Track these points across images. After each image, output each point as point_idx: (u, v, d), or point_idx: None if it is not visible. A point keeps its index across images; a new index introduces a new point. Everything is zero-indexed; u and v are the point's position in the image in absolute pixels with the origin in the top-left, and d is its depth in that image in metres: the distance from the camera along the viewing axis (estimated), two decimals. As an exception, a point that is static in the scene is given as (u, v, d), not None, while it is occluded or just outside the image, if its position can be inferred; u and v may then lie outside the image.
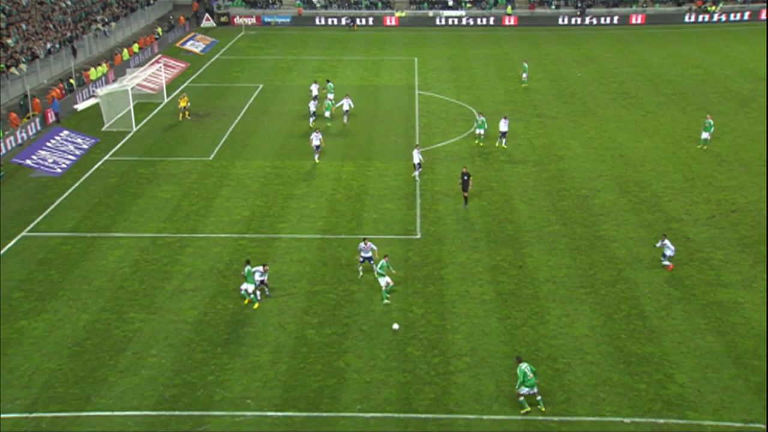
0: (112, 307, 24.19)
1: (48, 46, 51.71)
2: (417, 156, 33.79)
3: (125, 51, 54.95)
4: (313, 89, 44.55)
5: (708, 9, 71.02)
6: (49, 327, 23.17)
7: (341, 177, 34.60)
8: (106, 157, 37.44)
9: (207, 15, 70.37)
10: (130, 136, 40.54)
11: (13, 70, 46.28)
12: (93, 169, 35.86)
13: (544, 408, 19.29)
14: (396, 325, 22.23)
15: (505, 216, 30.41)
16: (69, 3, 60.80)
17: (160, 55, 55.32)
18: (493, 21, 70.71)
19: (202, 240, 28.64)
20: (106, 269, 26.53)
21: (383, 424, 18.99)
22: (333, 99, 43.08)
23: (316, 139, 35.90)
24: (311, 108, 41.79)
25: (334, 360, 21.50)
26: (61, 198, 32.62)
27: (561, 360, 21.37)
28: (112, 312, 23.93)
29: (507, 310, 23.89)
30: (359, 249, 25.61)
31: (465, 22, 70.72)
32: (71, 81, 46.50)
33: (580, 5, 71.04)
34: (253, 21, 71.23)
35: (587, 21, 70.44)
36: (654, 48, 60.63)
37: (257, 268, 24.42)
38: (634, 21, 70.59)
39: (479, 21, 70.80)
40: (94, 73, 48.56)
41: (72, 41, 54.26)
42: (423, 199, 32.10)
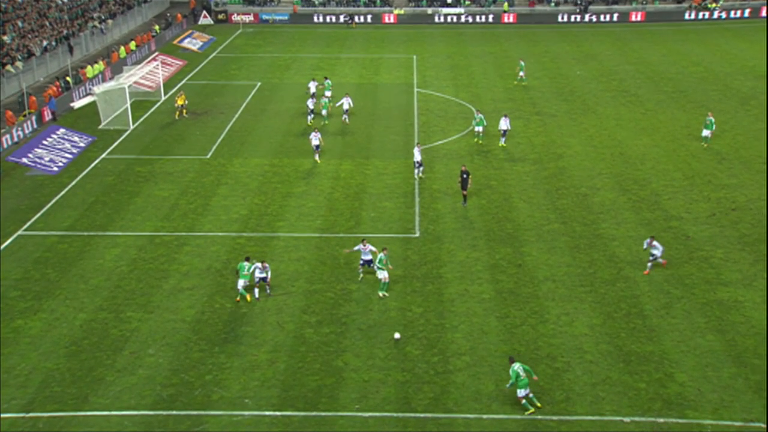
0: (109, 306, 24.07)
1: (44, 43, 51.50)
2: (418, 154, 33.60)
3: (122, 49, 54.71)
4: (311, 86, 44.41)
5: (708, 6, 70.87)
6: (46, 326, 23.04)
7: (340, 175, 34.47)
8: (103, 156, 37.28)
9: (204, 12, 70.17)
10: (127, 134, 40.37)
11: (9, 67, 46.09)
12: (90, 168, 35.71)
13: (539, 404, 19.22)
14: (397, 335, 21.90)
15: (505, 214, 30.30)
16: (65, 0, 60.57)
17: (157, 53, 55.12)
18: (492, 18, 70.54)
19: (199, 239, 28.52)
20: (103, 268, 26.40)
21: (382, 423, 18.90)
22: (330, 97, 42.90)
23: (315, 139, 35.62)
24: (309, 106, 41.61)
25: (332, 359, 21.40)
26: (58, 196, 32.47)
27: (560, 359, 21.28)
28: (109, 311, 23.82)
29: (506, 308, 23.79)
30: (358, 249, 25.44)
31: (464, 19, 70.55)
32: (68, 79, 46.32)
33: (581, 2, 70.83)
34: (251, 18, 71.04)
35: (587, 18, 70.28)
36: (654, 45, 60.51)
37: (256, 264, 24.30)
38: (633, 18, 70.46)
39: (478, 18, 70.62)
40: (90, 71, 48.36)
41: (68, 39, 54.04)
42: (422, 198, 31.98)
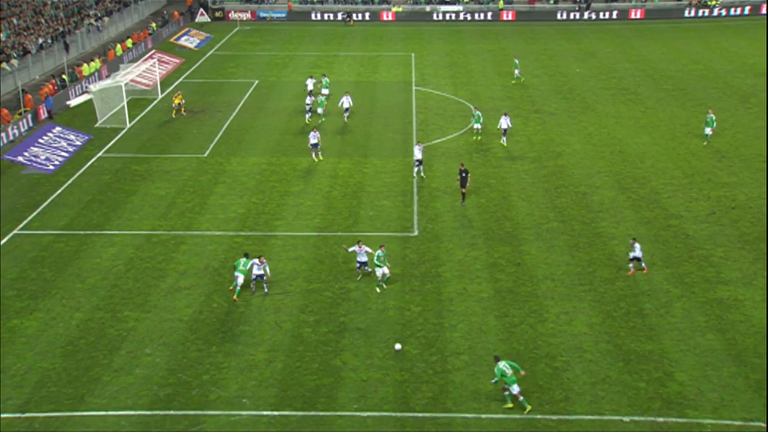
0: (105, 306, 23.93)
1: (40, 41, 51.27)
2: (418, 152, 33.35)
3: (119, 46, 54.52)
4: (309, 84, 44.24)
5: (708, 4, 70.76)
6: (42, 326, 22.90)
7: (338, 174, 34.32)
8: (99, 154, 37.10)
9: (201, 10, 69.95)
10: (123, 132, 40.20)
11: (5, 65, 45.86)
12: (86, 166, 35.53)
13: (511, 405, 19.07)
14: (398, 345, 21.50)
15: (503, 213, 30.19)
16: (62, -2, 60.39)
17: (154, 51, 54.93)
18: (491, 16, 70.42)
19: (197, 237, 28.37)
20: (99, 267, 26.25)
21: (380, 423, 18.79)
22: (327, 94, 42.73)
23: (313, 138, 35.23)
24: (308, 104, 41.42)
25: (330, 358, 21.28)
26: (54, 195, 32.30)
27: (560, 358, 21.18)
28: (105, 310, 23.68)
29: (505, 307, 23.68)
30: (353, 251, 25.10)
31: (462, 17, 70.41)
32: (64, 77, 46.12)
33: (582, 1, 70.59)
34: (248, 16, 70.87)
35: (586, 16, 70.17)
36: (654, 43, 60.40)
37: (254, 261, 24.17)
38: (633, 16, 70.36)
39: (477, 16, 70.49)
40: (86, 69, 48.15)
41: (64, 36, 53.82)
42: (420, 196, 31.85)
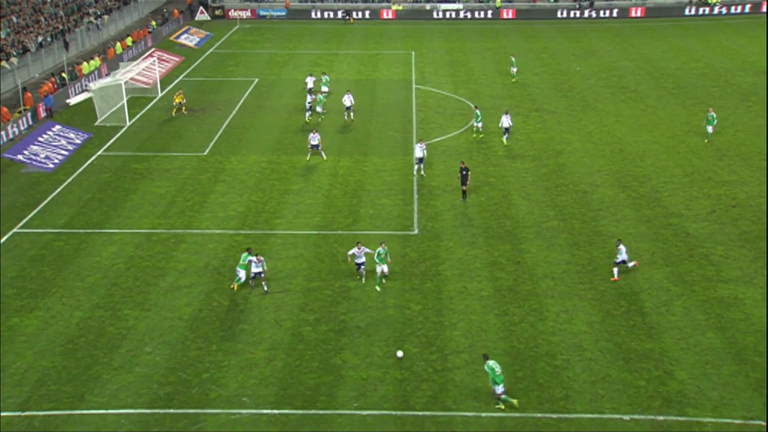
0: (105, 304, 23.92)
1: (39, 39, 51.22)
2: (419, 151, 33.18)
3: (118, 44, 54.43)
4: (309, 82, 44.18)
5: (708, 2, 70.60)
6: (42, 324, 22.89)
7: (338, 172, 34.29)
8: (99, 152, 37.07)
9: (201, 8, 69.81)
10: (123, 130, 40.16)
11: (4, 63, 45.81)
12: (86, 165, 35.50)
13: (503, 406, 19.08)
14: (400, 353, 21.27)
15: (504, 211, 30.16)
16: (62, -4, 60.32)
17: (153, 49, 54.88)
18: (491, 14, 70.31)
19: (197, 236, 28.35)
20: (99, 266, 26.24)
21: (380, 421, 18.79)
22: (327, 92, 42.64)
23: (313, 139, 34.89)
24: (308, 102, 41.35)
25: (330, 357, 21.27)
26: (54, 193, 32.28)
27: (560, 356, 21.17)
28: (105, 309, 23.67)
29: (505, 306, 23.67)
30: (353, 254, 24.66)
31: (462, 15, 70.31)
32: (63, 75, 46.05)
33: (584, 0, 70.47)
34: (248, 14, 70.75)
35: (586, 14, 70.04)
36: (654, 41, 60.32)
37: (251, 258, 24.16)
38: (633, 14, 70.23)
39: (477, 14, 70.39)
40: (86, 67, 48.08)
41: (64, 34, 53.77)
42: (420, 195, 31.82)
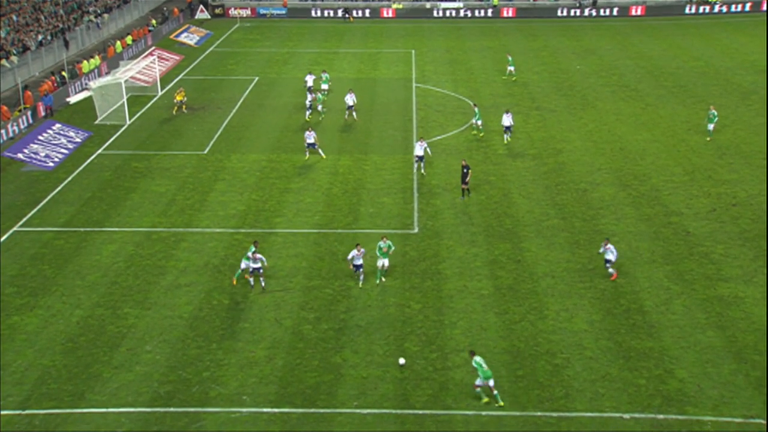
0: (106, 303, 23.92)
1: (39, 38, 51.19)
2: (420, 149, 33.14)
3: (118, 43, 54.39)
4: (308, 80, 44.14)
5: (709, 0, 70.56)
6: (42, 323, 22.90)
7: (338, 171, 34.28)
8: (99, 151, 37.06)
9: (201, 7, 69.74)
10: (123, 129, 40.14)
11: (4, 62, 45.79)
12: (86, 163, 35.50)
13: (501, 402, 19.07)
14: (402, 360, 20.96)
15: (504, 210, 30.15)
16: (62, -6, 60.27)
17: (153, 48, 54.84)
18: (492, 13, 70.26)
19: (197, 235, 28.35)
20: (99, 264, 26.24)
21: (380, 420, 18.80)
22: (326, 90, 42.59)
23: (309, 138, 34.89)
24: (308, 101, 41.32)
25: (330, 356, 21.28)
26: (54, 192, 32.27)
27: (560, 355, 21.18)
28: (106, 307, 23.67)
29: (505, 305, 23.67)
30: (351, 257, 24.35)
31: (463, 13, 70.26)
32: (63, 73, 46.03)
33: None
34: (248, 13, 70.70)
35: (586, 13, 69.98)
36: (654, 40, 60.27)
37: (248, 254, 24.18)
38: (634, 12, 70.17)
39: (477, 13, 70.34)
40: (86, 66, 48.06)
41: (64, 33, 53.73)
42: (420, 194, 31.81)
